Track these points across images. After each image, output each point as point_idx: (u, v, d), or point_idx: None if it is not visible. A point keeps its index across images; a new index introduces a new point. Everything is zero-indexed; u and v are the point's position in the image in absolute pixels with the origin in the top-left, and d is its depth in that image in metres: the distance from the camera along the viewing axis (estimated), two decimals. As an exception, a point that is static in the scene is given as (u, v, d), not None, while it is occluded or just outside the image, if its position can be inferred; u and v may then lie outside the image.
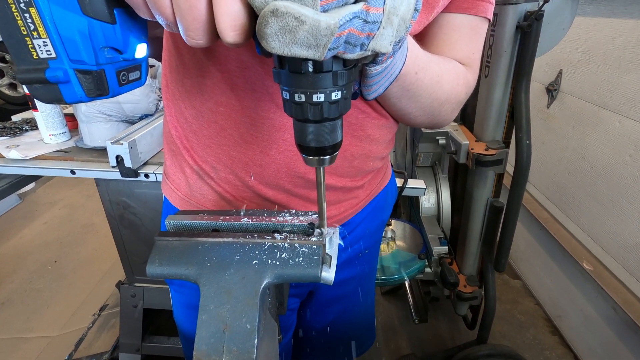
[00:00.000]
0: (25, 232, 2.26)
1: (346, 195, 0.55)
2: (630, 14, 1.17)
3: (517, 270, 1.89)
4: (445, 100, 0.48)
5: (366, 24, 0.24)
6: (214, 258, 0.34)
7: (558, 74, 1.50)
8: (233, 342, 0.30)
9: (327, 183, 0.50)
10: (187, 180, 0.53)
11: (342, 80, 0.29)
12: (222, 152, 0.48)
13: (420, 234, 1.38)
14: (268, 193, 0.50)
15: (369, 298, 0.75)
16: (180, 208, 0.56)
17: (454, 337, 1.54)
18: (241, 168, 0.48)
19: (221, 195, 0.51)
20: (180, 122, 0.51)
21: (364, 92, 0.38)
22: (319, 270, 0.33)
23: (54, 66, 0.28)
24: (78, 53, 0.28)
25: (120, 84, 0.32)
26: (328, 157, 0.33)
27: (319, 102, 0.29)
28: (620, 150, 1.22)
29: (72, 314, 1.66)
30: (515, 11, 0.91)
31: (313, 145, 0.32)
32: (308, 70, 0.27)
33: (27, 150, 1.00)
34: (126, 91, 0.34)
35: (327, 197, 0.52)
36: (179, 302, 0.61)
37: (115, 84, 0.32)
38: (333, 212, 0.55)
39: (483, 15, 0.49)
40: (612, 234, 1.26)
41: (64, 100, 0.30)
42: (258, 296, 0.32)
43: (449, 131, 1.16)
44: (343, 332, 0.71)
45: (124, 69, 0.32)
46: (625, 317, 1.16)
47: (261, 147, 0.46)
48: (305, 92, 0.28)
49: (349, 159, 0.50)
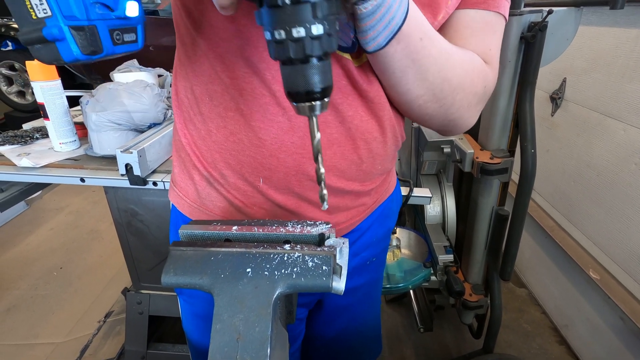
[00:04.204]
0: (31, 238, 2.28)
1: (354, 202, 0.55)
2: (633, 24, 1.17)
3: (523, 279, 1.87)
4: (458, 85, 0.44)
5: None
6: (227, 268, 0.34)
7: (562, 83, 1.51)
8: (246, 351, 0.31)
9: (337, 187, 0.50)
10: (195, 187, 0.54)
11: (322, 12, 0.28)
12: (231, 157, 0.49)
13: (426, 242, 1.38)
14: (277, 198, 0.50)
15: (375, 307, 0.75)
16: (189, 215, 0.56)
17: (460, 346, 1.53)
18: (250, 172, 0.49)
19: (230, 202, 0.52)
20: (189, 129, 0.52)
21: (361, 41, 0.37)
22: (330, 280, 0.34)
23: (50, 24, 0.30)
24: (70, 9, 0.30)
25: (115, 43, 0.34)
26: (319, 102, 0.32)
27: (300, 38, 0.28)
28: (626, 158, 1.22)
29: (77, 321, 1.67)
30: (519, 22, 0.92)
31: (302, 90, 0.31)
32: (285, 2, 0.27)
33: (38, 159, 1.02)
34: (122, 52, 0.35)
35: (336, 203, 0.53)
36: (188, 312, 0.62)
37: (109, 41, 0.33)
38: (341, 219, 0.55)
39: (495, 10, 0.46)
40: (619, 243, 1.26)
41: (62, 59, 0.32)
42: (271, 306, 0.32)
43: (453, 139, 1.17)
44: (350, 342, 0.71)
45: (118, 28, 0.34)
46: (634, 327, 1.15)
47: (270, 150, 0.46)
48: (285, 27, 0.28)
49: (357, 163, 0.50)
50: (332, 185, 0.50)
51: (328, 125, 0.46)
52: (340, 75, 0.43)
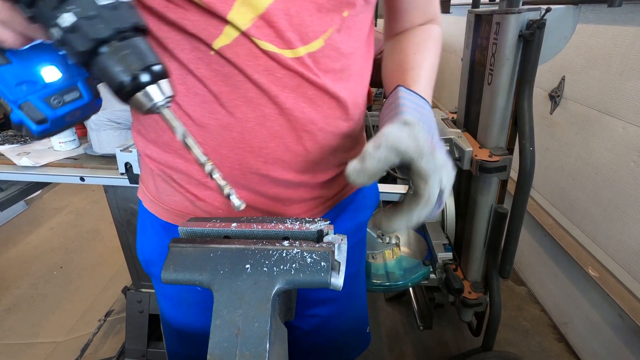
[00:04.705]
0: (31, 237, 2.28)
1: (310, 194, 0.55)
2: (631, 21, 1.17)
3: (522, 277, 1.88)
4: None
5: None
6: (226, 264, 0.35)
7: (561, 81, 1.51)
8: (246, 346, 0.31)
9: (284, 179, 0.51)
10: (154, 183, 0.56)
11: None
12: (179, 157, 0.50)
13: (425, 240, 1.38)
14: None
15: (357, 301, 0.75)
16: (149, 209, 0.59)
17: (459, 343, 1.53)
18: (197, 170, 0.50)
19: (184, 196, 0.54)
20: (141, 132, 0.54)
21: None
22: (329, 276, 0.34)
23: (12, 109, 0.35)
24: (5, 95, 0.35)
25: (54, 107, 0.36)
26: (150, 86, 0.31)
27: (74, 24, 0.27)
28: (624, 156, 1.22)
29: (77, 320, 1.67)
30: (518, 20, 0.93)
31: (125, 79, 0.29)
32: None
33: (37, 158, 1.02)
34: (67, 111, 0.38)
35: (289, 194, 0.53)
36: (159, 292, 0.64)
37: (47, 109, 0.36)
38: (297, 211, 0.56)
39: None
40: (618, 240, 1.26)
41: (33, 134, 0.36)
42: (270, 301, 0.33)
43: (452, 138, 1.17)
44: (331, 336, 0.71)
45: (52, 94, 0.36)
46: (632, 324, 1.16)
47: (212, 146, 0.47)
48: (55, 17, 0.27)
49: (303, 154, 0.49)
50: (279, 178, 0.50)
51: (267, 118, 0.45)
52: (273, 67, 0.43)
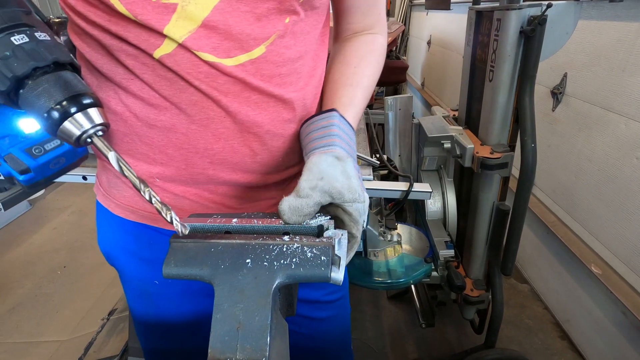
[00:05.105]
0: (35, 237, 2.29)
1: (264, 194, 0.56)
2: (634, 17, 1.17)
3: (525, 274, 1.87)
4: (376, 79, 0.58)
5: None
6: (227, 259, 0.35)
7: (563, 77, 1.51)
8: (246, 339, 0.31)
9: (232, 180, 0.51)
10: (107, 177, 0.57)
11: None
12: (128, 157, 0.51)
13: (427, 238, 1.38)
14: (176, 190, 0.52)
15: (346, 319, 0.73)
16: (102, 203, 0.59)
17: (462, 341, 1.53)
18: (145, 169, 0.51)
19: (134, 191, 0.54)
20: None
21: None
22: (329, 270, 0.34)
23: (2, 164, 0.38)
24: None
25: (35, 156, 0.39)
26: (78, 114, 0.32)
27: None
28: (627, 152, 1.21)
29: (81, 319, 1.68)
30: (519, 16, 0.92)
31: (50, 108, 0.31)
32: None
33: (40, 157, 1.02)
34: (51, 158, 0.40)
35: (242, 194, 0.54)
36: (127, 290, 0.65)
37: (29, 159, 0.38)
38: (252, 210, 0.56)
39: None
40: (620, 237, 1.26)
41: (23, 185, 0.39)
42: (270, 295, 0.33)
43: (454, 135, 1.17)
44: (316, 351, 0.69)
45: (34, 144, 0.39)
46: (636, 321, 1.15)
47: (159, 147, 0.48)
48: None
49: (251, 155, 0.50)
50: (226, 179, 0.51)
51: (212, 120, 0.46)
52: (214, 74, 0.43)
